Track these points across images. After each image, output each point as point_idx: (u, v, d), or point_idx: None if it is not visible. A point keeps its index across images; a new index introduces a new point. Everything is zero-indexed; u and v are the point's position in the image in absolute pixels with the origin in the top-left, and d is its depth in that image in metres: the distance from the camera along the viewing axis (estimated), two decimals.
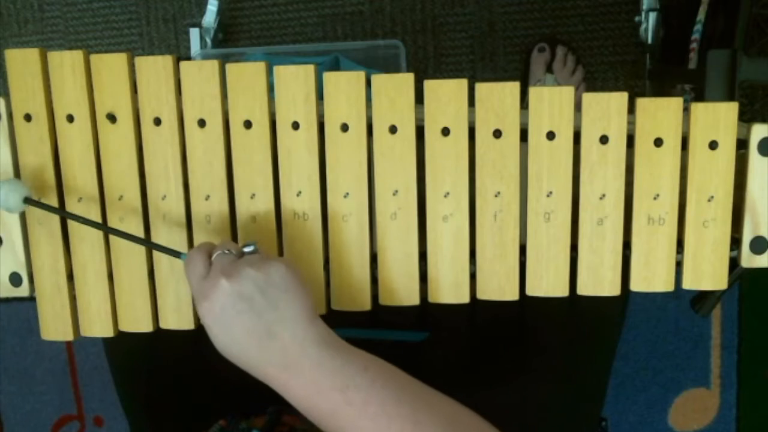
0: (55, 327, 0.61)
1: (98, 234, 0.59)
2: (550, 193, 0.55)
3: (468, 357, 0.73)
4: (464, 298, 0.57)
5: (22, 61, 0.57)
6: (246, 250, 0.53)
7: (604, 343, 0.73)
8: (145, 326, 0.60)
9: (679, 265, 0.56)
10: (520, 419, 0.68)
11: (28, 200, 0.56)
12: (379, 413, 0.48)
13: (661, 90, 1.13)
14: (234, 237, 0.58)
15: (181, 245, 0.58)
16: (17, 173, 0.59)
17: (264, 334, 0.49)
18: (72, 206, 0.59)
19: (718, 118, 0.53)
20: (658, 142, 0.54)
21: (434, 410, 0.50)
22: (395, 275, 0.57)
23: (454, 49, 1.25)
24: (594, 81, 1.22)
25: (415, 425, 0.47)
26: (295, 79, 0.55)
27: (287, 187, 0.57)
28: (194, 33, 1.24)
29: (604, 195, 0.55)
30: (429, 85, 0.55)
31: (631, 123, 0.54)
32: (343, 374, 0.49)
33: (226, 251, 0.52)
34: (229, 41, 1.30)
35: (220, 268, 0.50)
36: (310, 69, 0.55)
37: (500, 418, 0.67)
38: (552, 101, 0.54)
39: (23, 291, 0.61)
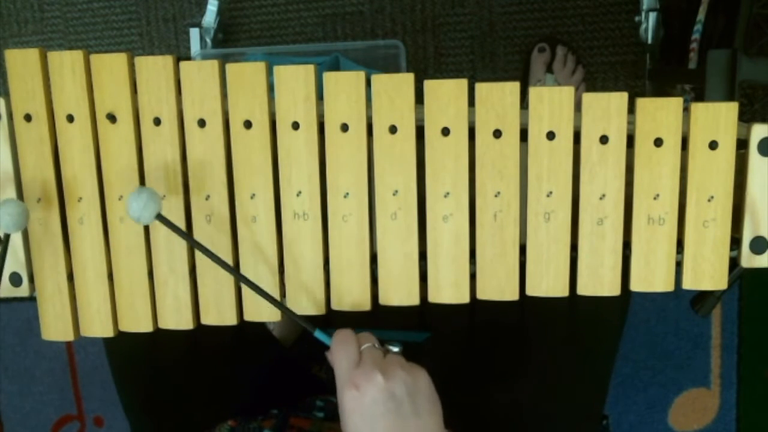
0: (55, 327, 0.61)
1: (98, 234, 0.59)
2: (550, 193, 0.55)
3: (469, 357, 0.73)
4: (464, 298, 0.57)
5: (22, 61, 0.57)
6: (393, 349, 0.54)
7: (605, 342, 0.73)
8: (145, 326, 0.60)
9: (679, 265, 0.56)
10: (522, 419, 0.68)
11: (160, 217, 0.55)
12: None
13: (661, 90, 1.13)
14: (234, 237, 0.58)
15: (181, 245, 0.58)
16: (17, 173, 0.59)
17: None
18: (72, 206, 0.59)
19: (718, 118, 0.53)
20: (658, 142, 0.54)
21: None
22: (395, 275, 0.57)
23: (454, 49, 1.25)
24: (594, 81, 1.22)
25: None
26: (295, 79, 0.55)
27: (287, 187, 0.57)
28: (194, 33, 1.24)
29: (604, 195, 0.55)
30: (429, 85, 0.55)
31: (631, 123, 0.54)
32: None
33: (375, 345, 0.53)
34: (229, 41, 1.30)
35: (372, 361, 0.52)
36: (310, 69, 0.55)
37: (502, 417, 0.67)
38: (552, 101, 0.54)
39: (23, 291, 0.61)
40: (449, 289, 0.57)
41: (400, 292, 0.58)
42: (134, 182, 0.58)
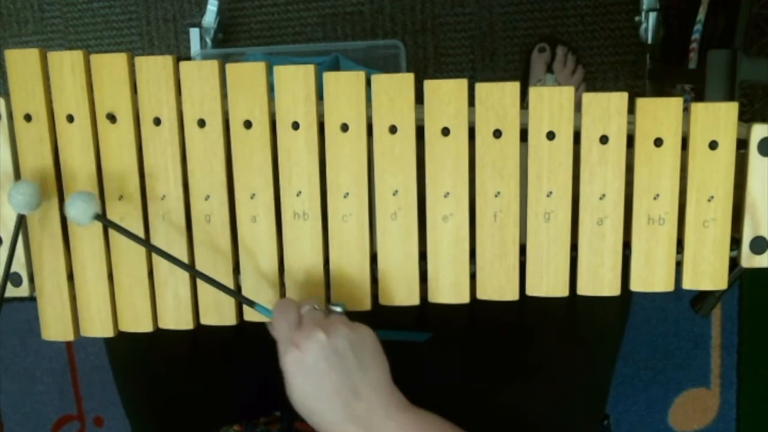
0: (55, 327, 0.61)
1: (98, 234, 0.59)
2: (550, 193, 0.55)
3: (469, 357, 0.73)
4: (464, 298, 0.57)
5: (22, 61, 0.57)
6: (335, 309, 0.55)
7: (606, 342, 0.73)
8: (145, 326, 0.60)
9: (679, 265, 0.56)
10: (522, 419, 0.68)
11: (98, 216, 0.56)
12: None
13: (661, 90, 1.13)
14: (234, 237, 0.58)
15: (180, 245, 0.58)
16: (17, 173, 0.59)
17: (351, 393, 0.51)
18: None
19: (718, 118, 0.53)
20: (658, 142, 0.54)
21: None
22: (395, 275, 0.57)
23: (454, 49, 1.25)
24: (594, 81, 1.22)
25: None
26: (295, 79, 0.55)
27: (287, 187, 0.57)
28: (194, 33, 1.24)
29: (604, 195, 0.55)
30: (429, 85, 0.55)
31: (631, 123, 0.54)
32: None
33: (315, 307, 0.53)
34: (229, 41, 1.30)
35: (312, 321, 0.52)
36: (310, 69, 0.55)
37: (503, 417, 0.67)
38: (552, 101, 0.54)
39: (23, 291, 0.61)
40: (449, 289, 0.57)
41: (400, 292, 0.58)
42: (134, 182, 0.58)
